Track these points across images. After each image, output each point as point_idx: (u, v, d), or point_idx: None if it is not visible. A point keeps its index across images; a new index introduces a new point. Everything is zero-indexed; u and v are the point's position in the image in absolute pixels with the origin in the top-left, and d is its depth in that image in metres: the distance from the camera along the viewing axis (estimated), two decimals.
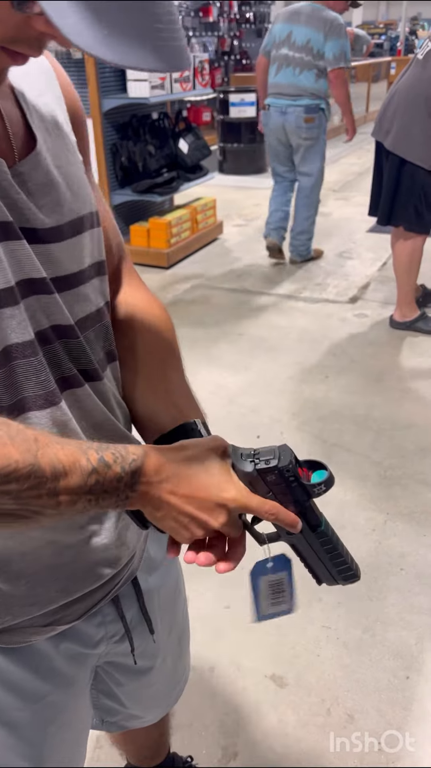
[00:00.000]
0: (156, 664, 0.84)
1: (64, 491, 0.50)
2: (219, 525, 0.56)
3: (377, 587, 1.68)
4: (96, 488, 0.51)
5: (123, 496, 0.53)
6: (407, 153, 2.71)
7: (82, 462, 0.51)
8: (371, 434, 2.31)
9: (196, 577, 1.71)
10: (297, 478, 0.58)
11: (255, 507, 0.57)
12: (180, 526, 0.57)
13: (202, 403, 2.51)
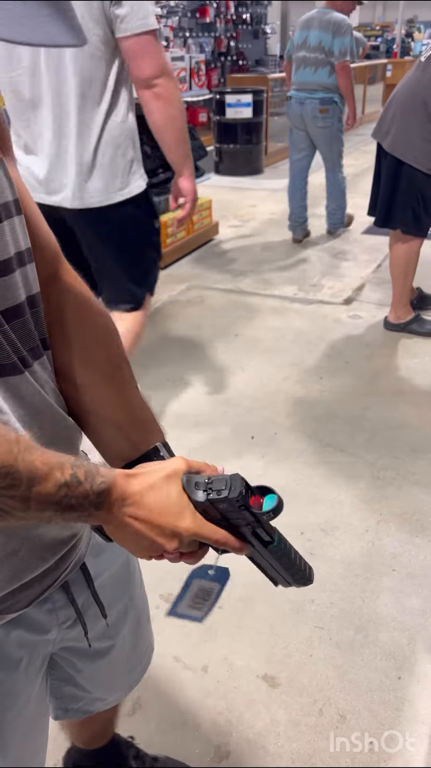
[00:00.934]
0: (114, 645, 0.86)
1: (35, 497, 0.52)
2: (172, 549, 0.62)
3: (370, 588, 1.69)
4: (64, 501, 0.54)
5: (86, 513, 0.57)
6: (405, 155, 2.73)
7: (56, 474, 0.53)
8: (365, 435, 2.32)
9: (185, 576, 1.72)
10: (247, 507, 0.62)
11: (206, 536, 0.62)
12: (138, 547, 0.63)
13: (198, 403, 2.52)
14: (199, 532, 0.61)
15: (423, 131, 2.66)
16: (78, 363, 0.71)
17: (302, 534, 1.86)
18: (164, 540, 0.61)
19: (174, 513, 0.60)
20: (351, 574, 1.73)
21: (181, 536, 0.61)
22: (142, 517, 0.60)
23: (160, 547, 0.61)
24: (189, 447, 2.26)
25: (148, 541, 0.61)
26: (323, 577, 1.72)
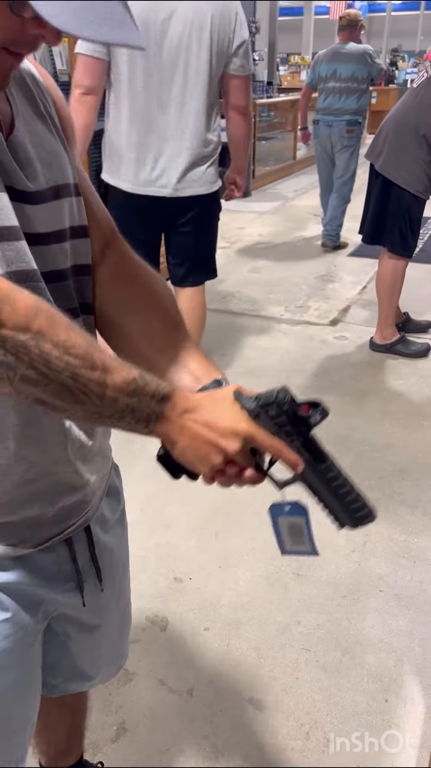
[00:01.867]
0: (101, 625, 0.91)
1: (110, 384, 0.59)
2: (233, 451, 0.65)
3: (356, 609, 1.69)
4: (134, 395, 0.61)
5: (153, 415, 0.63)
6: (395, 176, 2.79)
7: (126, 370, 0.61)
8: (351, 455, 2.33)
9: (173, 600, 1.71)
10: (294, 411, 0.66)
11: (262, 439, 0.66)
12: (200, 455, 0.65)
13: None
14: (255, 435, 0.65)
15: (414, 154, 2.72)
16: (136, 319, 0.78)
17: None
18: (225, 442, 0.64)
19: (231, 418, 0.65)
20: (338, 596, 1.73)
21: (239, 436, 0.64)
22: (201, 420, 0.64)
23: (220, 449, 0.64)
24: None
25: (208, 447, 0.64)
26: (310, 599, 1.71)
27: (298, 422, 0.67)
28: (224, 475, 0.67)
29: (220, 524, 1.99)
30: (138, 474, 2.21)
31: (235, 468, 0.67)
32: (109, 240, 0.81)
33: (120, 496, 0.93)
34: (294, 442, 0.67)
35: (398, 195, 2.81)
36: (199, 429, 0.64)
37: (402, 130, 2.74)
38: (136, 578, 1.75)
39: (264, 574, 1.79)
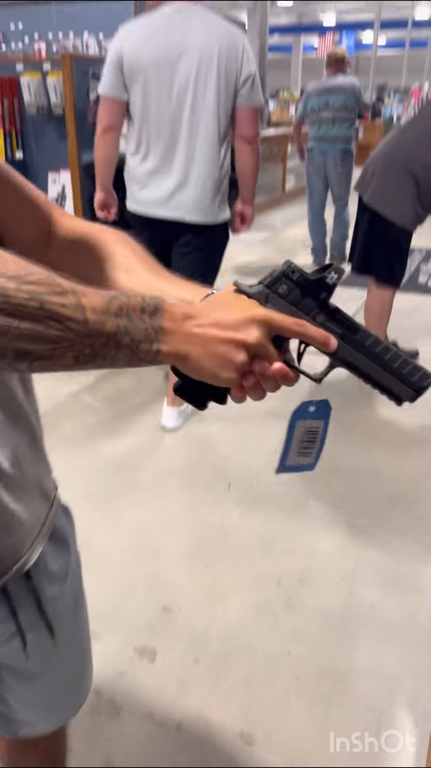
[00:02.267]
0: (46, 672, 0.83)
1: (90, 307, 0.52)
2: (254, 339, 0.57)
3: (347, 639, 1.67)
4: (121, 314, 0.53)
5: (152, 331, 0.55)
6: (383, 209, 2.84)
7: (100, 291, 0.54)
8: (341, 483, 2.33)
9: (162, 631, 1.69)
10: (306, 278, 0.59)
11: (281, 320, 0.58)
12: (218, 359, 0.57)
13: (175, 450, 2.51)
14: (273, 317, 0.58)
15: (401, 188, 2.78)
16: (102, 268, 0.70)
17: (279, 584, 1.84)
18: (242, 333, 0.57)
19: (241, 308, 0.58)
20: (329, 625, 1.71)
21: (256, 321, 0.57)
22: (208, 322, 0.57)
23: (240, 342, 0.57)
24: (165, 495, 2.24)
25: (225, 345, 0.57)
26: (300, 629, 1.70)
27: (314, 289, 0.60)
28: (253, 376, 0.59)
29: (210, 553, 1.97)
30: (127, 503, 2.20)
31: (263, 364, 0.59)
32: (49, 217, 0.74)
33: (70, 543, 0.84)
34: (317, 318, 0.60)
35: (386, 227, 2.86)
36: (210, 331, 0.56)
37: (390, 165, 2.81)
38: (123, 608, 1.74)
39: (254, 604, 1.78)
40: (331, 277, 0.60)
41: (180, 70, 2.17)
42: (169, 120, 2.24)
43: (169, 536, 2.04)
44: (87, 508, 2.16)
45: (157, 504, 2.20)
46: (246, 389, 0.61)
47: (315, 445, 0.69)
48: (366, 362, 0.62)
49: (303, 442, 0.68)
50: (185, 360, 0.57)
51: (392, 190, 2.81)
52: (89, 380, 3.14)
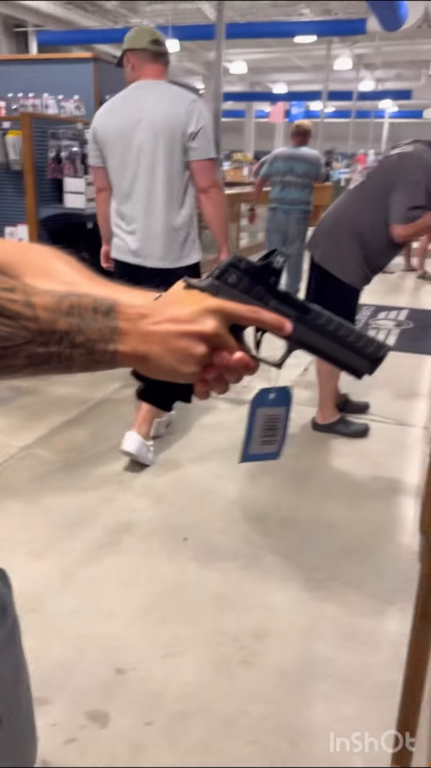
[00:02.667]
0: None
1: (40, 305, 0.51)
2: (212, 329, 0.57)
3: (304, 696, 1.65)
4: (73, 313, 0.53)
5: (107, 331, 0.54)
6: (332, 268, 2.97)
7: (50, 293, 0.53)
8: (296, 536, 2.34)
9: (115, 693, 1.64)
10: (250, 263, 0.61)
11: (235, 308, 0.59)
12: (178, 354, 0.57)
13: (131, 503, 2.48)
14: (226, 305, 0.59)
15: (349, 249, 2.92)
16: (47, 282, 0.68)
17: (236, 641, 1.81)
18: (199, 325, 0.57)
19: (194, 301, 0.58)
20: (286, 682, 1.69)
21: (211, 311, 0.58)
22: (164, 318, 0.56)
23: (198, 333, 0.57)
24: (119, 551, 2.20)
25: (184, 339, 0.56)
26: (257, 687, 1.67)
27: (262, 276, 0.62)
28: (214, 368, 0.59)
29: (165, 610, 1.93)
30: (78, 560, 2.15)
31: (222, 355, 0.59)
32: None
33: (7, 608, 0.78)
34: (269, 303, 0.62)
35: (335, 285, 2.98)
36: (166, 327, 0.56)
37: (338, 227, 2.95)
38: (74, 671, 1.68)
39: (210, 662, 1.74)
40: (277, 261, 0.62)
41: (136, 136, 2.46)
42: (131, 178, 2.53)
43: (122, 594, 1.99)
44: (37, 566, 2.10)
45: (110, 560, 2.15)
46: (209, 383, 0.61)
47: (278, 432, 0.68)
48: (322, 340, 0.64)
49: (265, 429, 0.68)
50: (144, 360, 0.57)
51: (340, 251, 2.95)
52: (42, 433, 3.10)
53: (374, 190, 2.85)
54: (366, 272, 2.97)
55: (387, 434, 3.24)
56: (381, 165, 2.87)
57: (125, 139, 2.48)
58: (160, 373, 0.58)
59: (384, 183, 2.81)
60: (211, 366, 0.59)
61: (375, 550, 2.27)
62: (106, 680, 1.67)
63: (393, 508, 2.55)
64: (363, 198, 2.88)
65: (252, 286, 0.62)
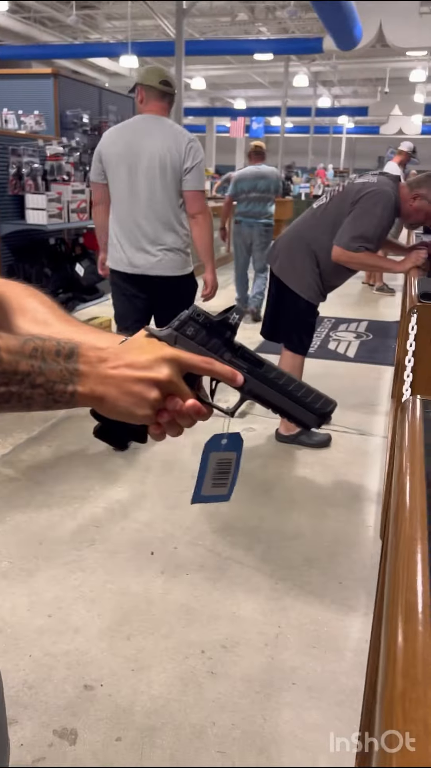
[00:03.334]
0: None
1: (3, 348, 0.55)
2: (165, 376, 0.61)
3: (270, 705, 1.68)
4: (35, 356, 0.57)
5: (67, 373, 0.58)
6: (288, 281, 3.03)
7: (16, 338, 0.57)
8: (262, 546, 2.37)
9: (83, 710, 1.64)
10: (208, 317, 0.65)
11: (189, 358, 0.63)
12: (133, 398, 0.61)
13: (96, 518, 2.50)
14: (181, 355, 0.63)
15: (305, 264, 2.99)
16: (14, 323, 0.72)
17: (203, 652, 1.83)
18: (154, 372, 0.61)
19: (152, 350, 0.62)
20: (252, 692, 1.71)
21: (166, 360, 0.61)
22: (123, 363, 0.60)
23: (152, 380, 0.61)
24: (85, 567, 2.20)
25: (139, 384, 0.60)
26: (224, 697, 1.69)
27: (219, 330, 0.66)
28: (168, 413, 0.64)
29: (133, 625, 1.94)
30: (44, 578, 2.14)
31: (175, 401, 0.63)
32: None
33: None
34: (224, 355, 0.66)
35: (292, 299, 3.05)
36: (123, 372, 0.60)
37: (298, 243, 3.02)
38: (41, 690, 1.68)
39: (178, 674, 1.76)
40: (233, 317, 0.66)
41: (140, 163, 2.80)
42: (134, 198, 2.86)
43: (89, 610, 2.00)
44: (1, 585, 2.08)
45: (76, 577, 2.15)
46: (162, 426, 0.65)
47: (229, 476, 0.72)
48: (272, 393, 0.69)
49: (216, 473, 0.72)
50: (101, 401, 0.61)
51: (296, 266, 3.02)
52: (5, 450, 3.07)
53: (333, 214, 2.91)
54: (320, 289, 3.04)
55: (350, 444, 3.31)
56: (344, 190, 2.92)
57: (130, 165, 2.81)
58: (116, 414, 0.62)
59: (342, 209, 2.87)
60: (164, 410, 0.63)
61: (338, 558, 2.32)
62: (73, 697, 1.67)
63: (355, 516, 2.62)
64: (323, 220, 2.95)
65: (208, 338, 0.66)
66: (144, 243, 2.88)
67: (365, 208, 2.78)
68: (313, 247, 2.95)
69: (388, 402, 3.90)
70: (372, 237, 2.78)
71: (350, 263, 2.88)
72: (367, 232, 2.77)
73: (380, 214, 2.76)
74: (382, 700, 0.46)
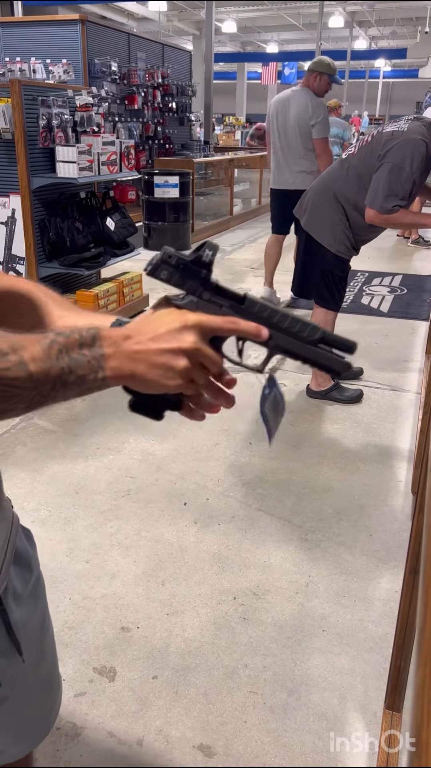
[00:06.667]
0: (11, 696, 0.82)
1: (31, 360, 0.56)
2: (191, 343, 0.61)
3: (301, 650, 1.73)
4: (63, 355, 0.57)
5: (95, 361, 0.59)
6: (317, 234, 2.97)
7: (37, 337, 0.58)
8: (292, 498, 2.41)
9: (121, 650, 1.72)
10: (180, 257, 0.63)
11: (212, 320, 0.63)
12: (161, 369, 0.61)
13: (130, 470, 2.55)
14: (202, 319, 0.62)
15: (333, 217, 2.92)
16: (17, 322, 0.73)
17: (235, 599, 1.89)
18: (178, 340, 0.60)
19: (172, 318, 0.61)
20: (283, 637, 1.77)
21: (189, 327, 0.61)
22: (145, 338, 0.60)
23: (178, 349, 0.60)
24: (121, 516, 2.27)
25: (166, 355, 0.60)
26: (256, 642, 1.75)
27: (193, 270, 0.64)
28: (197, 381, 0.63)
29: (167, 572, 2.01)
30: (81, 526, 2.22)
31: (205, 369, 0.63)
32: None
33: (32, 563, 0.86)
34: (203, 296, 0.65)
35: (320, 252, 2.98)
36: (148, 345, 0.60)
37: (323, 193, 2.94)
38: (82, 630, 1.76)
39: (211, 620, 1.82)
40: (206, 254, 0.64)
41: (287, 119, 4.43)
42: (283, 139, 4.51)
43: (125, 556, 2.07)
44: (41, 532, 2.16)
45: (112, 525, 2.22)
46: (195, 397, 0.66)
47: (280, 404, 0.76)
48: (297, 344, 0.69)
49: (274, 412, 0.74)
50: (132, 378, 0.61)
51: (324, 218, 2.94)
52: None
53: (361, 166, 2.79)
54: (352, 242, 2.96)
55: (381, 399, 3.30)
56: (373, 140, 2.79)
57: (280, 121, 4.48)
58: (148, 388, 0.62)
59: (371, 160, 2.74)
60: (192, 381, 0.63)
61: (368, 511, 2.35)
62: (111, 638, 1.75)
63: (386, 471, 2.62)
64: (351, 172, 2.85)
65: (184, 280, 0.64)
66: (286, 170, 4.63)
67: (395, 162, 2.64)
68: (341, 200, 2.87)
69: (422, 358, 3.85)
70: (405, 193, 2.66)
71: (386, 225, 2.79)
72: (399, 189, 2.64)
73: (410, 167, 2.62)
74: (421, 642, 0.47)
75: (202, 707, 1.56)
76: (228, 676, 1.65)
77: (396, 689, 1.45)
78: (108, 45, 7.12)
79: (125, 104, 7.56)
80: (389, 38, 21.77)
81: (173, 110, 8.68)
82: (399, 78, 27.48)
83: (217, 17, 16.07)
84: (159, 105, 8.31)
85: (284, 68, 19.43)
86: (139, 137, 7.82)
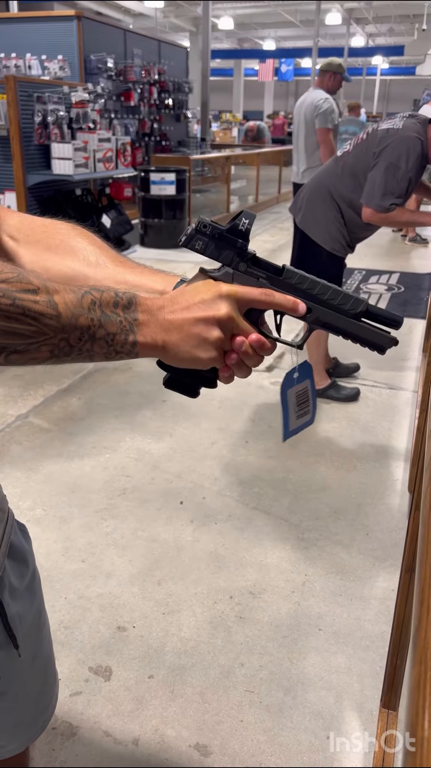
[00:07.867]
0: (8, 691, 0.82)
1: (62, 304, 0.55)
2: (225, 314, 0.60)
3: (297, 649, 1.73)
4: (94, 308, 0.56)
5: (127, 324, 0.58)
6: (311, 232, 2.96)
7: (73, 287, 0.57)
8: (289, 497, 2.41)
9: (117, 649, 1.71)
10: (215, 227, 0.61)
11: (248, 292, 0.62)
12: (194, 340, 0.60)
13: (126, 469, 2.54)
14: (238, 290, 0.61)
15: (329, 215, 2.91)
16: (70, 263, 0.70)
17: (231, 598, 1.89)
18: (213, 310, 0.59)
19: (209, 289, 0.61)
20: (279, 636, 1.77)
21: (224, 296, 0.60)
22: (180, 307, 0.59)
23: (213, 319, 0.59)
24: (117, 515, 2.26)
25: (200, 325, 0.59)
26: (252, 641, 1.75)
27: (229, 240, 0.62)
28: (234, 353, 0.62)
29: (163, 571, 2.00)
30: (77, 525, 2.21)
31: (240, 340, 0.62)
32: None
33: (28, 558, 0.86)
34: (239, 267, 0.63)
35: (315, 250, 2.97)
36: (182, 315, 0.59)
37: (318, 192, 2.92)
38: (77, 629, 1.75)
39: (207, 619, 1.82)
40: (243, 223, 0.62)
41: (300, 118, 4.77)
42: (296, 141, 4.89)
43: (121, 556, 2.06)
44: (36, 531, 2.16)
45: (108, 524, 2.21)
46: (231, 368, 0.64)
47: (309, 402, 0.73)
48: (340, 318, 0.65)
49: (298, 405, 0.72)
50: (164, 349, 0.60)
51: (320, 216, 2.93)
52: (37, 401, 3.13)
53: (356, 164, 2.78)
54: (347, 240, 2.95)
55: (378, 398, 3.30)
56: (368, 138, 2.78)
57: (296, 116, 4.84)
58: (181, 361, 0.61)
59: (367, 158, 2.73)
60: (231, 352, 0.62)
61: (365, 509, 2.34)
62: (107, 637, 1.74)
63: (383, 470, 2.62)
64: (346, 169, 2.84)
65: (219, 251, 0.62)
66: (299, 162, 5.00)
67: (390, 160, 2.62)
68: (336, 198, 2.86)
69: (419, 356, 3.85)
70: (401, 191, 2.65)
71: (383, 223, 2.78)
72: (395, 187, 2.63)
73: (406, 165, 2.61)
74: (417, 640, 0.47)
75: (198, 706, 1.55)
76: (224, 675, 1.64)
77: (392, 687, 1.45)
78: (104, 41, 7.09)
79: (121, 101, 7.53)
80: (386, 35, 21.75)
81: (169, 107, 8.65)
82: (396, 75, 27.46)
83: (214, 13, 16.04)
84: (155, 102, 8.27)
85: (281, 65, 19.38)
86: (135, 134, 7.78)
